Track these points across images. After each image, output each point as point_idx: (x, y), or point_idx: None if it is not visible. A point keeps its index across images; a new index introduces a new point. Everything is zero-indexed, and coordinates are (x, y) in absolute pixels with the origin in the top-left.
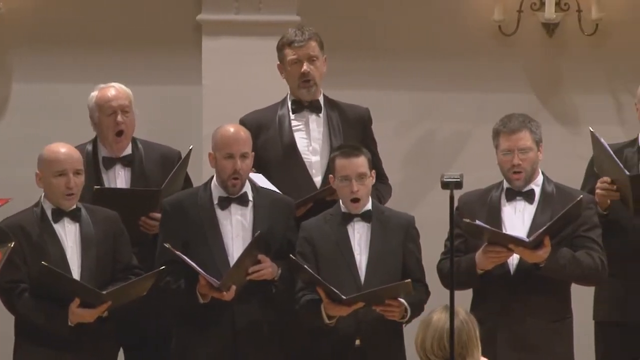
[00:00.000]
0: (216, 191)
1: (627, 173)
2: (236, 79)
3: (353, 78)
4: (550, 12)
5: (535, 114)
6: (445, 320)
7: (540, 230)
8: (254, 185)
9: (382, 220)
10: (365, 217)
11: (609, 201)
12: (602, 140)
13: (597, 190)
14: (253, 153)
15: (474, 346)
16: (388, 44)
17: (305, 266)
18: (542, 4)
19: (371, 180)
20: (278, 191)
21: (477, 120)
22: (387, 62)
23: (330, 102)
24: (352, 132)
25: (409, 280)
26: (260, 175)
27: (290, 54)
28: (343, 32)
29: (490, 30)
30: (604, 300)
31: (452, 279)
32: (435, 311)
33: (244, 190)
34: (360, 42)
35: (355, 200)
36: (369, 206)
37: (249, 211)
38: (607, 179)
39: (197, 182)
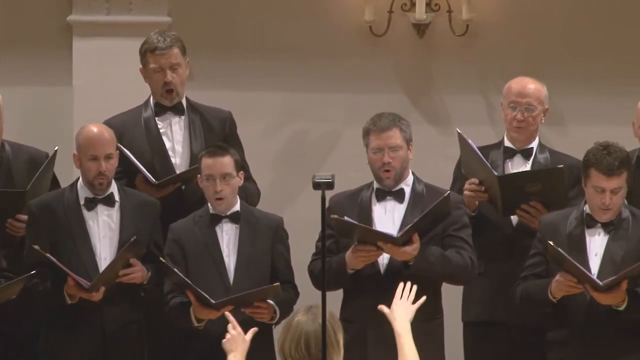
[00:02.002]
0: (82, 192)
1: (496, 174)
2: (107, 79)
3: (222, 79)
4: (420, 12)
5: (406, 114)
6: (304, 323)
7: (409, 226)
8: (120, 186)
9: (250, 222)
10: (234, 218)
11: (477, 202)
12: (470, 141)
13: (465, 192)
14: (118, 152)
15: (334, 351)
16: (257, 44)
17: (176, 270)
18: (413, 4)
19: (238, 181)
20: (142, 167)
21: (347, 120)
22: (257, 62)
23: (192, 106)
24: (214, 136)
25: (278, 284)
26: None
27: (152, 62)
28: (213, 32)
29: (360, 30)
30: (472, 300)
31: (324, 279)
32: (298, 313)
33: (110, 190)
34: (229, 43)
35: (219, 199)
36: (237, 207)
37: (115, 212)
38: (475, 180)
39: (68, 183)
